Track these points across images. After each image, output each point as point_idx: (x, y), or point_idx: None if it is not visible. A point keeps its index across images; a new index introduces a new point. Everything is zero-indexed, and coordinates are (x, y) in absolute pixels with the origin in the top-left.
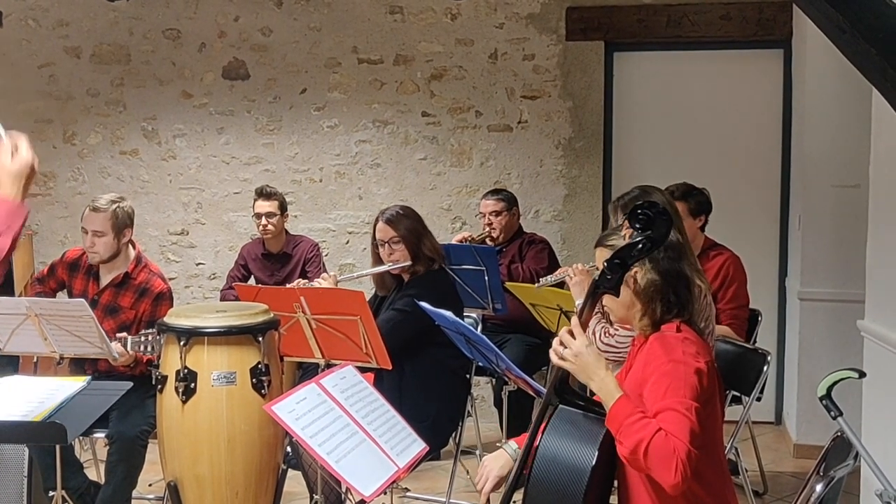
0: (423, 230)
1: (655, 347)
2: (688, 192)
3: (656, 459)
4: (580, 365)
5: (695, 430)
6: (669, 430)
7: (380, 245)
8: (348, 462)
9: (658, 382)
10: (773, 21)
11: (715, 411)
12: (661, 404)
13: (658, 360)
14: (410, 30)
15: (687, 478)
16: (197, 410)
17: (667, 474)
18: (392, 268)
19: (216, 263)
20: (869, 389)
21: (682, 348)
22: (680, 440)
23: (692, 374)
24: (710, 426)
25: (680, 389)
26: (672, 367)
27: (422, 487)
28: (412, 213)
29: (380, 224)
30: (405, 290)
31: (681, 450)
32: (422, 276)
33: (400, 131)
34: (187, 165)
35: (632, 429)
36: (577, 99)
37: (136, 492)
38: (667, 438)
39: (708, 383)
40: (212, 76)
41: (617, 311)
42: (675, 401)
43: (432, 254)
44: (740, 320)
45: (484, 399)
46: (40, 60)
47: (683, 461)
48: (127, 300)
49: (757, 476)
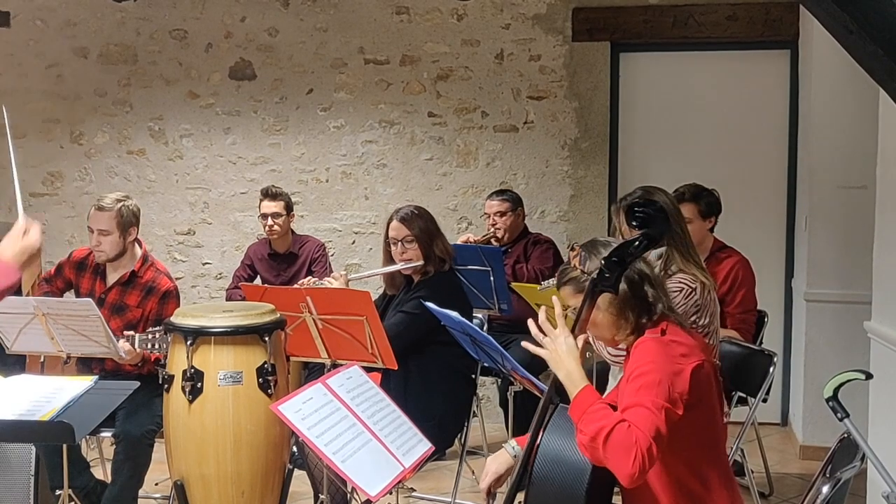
0: (436, 231)
1: (638, 351)
2: (698, 194)
3: (615, 448)
4: (553, 352)
5: (660, 429)
6: (634, 422)
7: (392, 244)
8: (354, 462)
9: (633, 383)
10: (780, 21)
11: (709, 412)
12: (631, 400)
13: (637, 363)
14: (417, 30)
15: (645, 471)
16: (203, 410)
17: (625, 464)
18: (404, 267)
19: (222, 263)
20: (875, 391)
21: (665, 351)
22: (643, 433)
23: (667, 375)
24: (706, 428)
25: (652, 389)
26: (650, 367)
27: (427, 487)
28: (426, 214)
29: (394, 223)
30: (414, 291)
31: (642, 442)
32: (432, 277)
33: (406, 132)
34: (194, 165)
35: (594, 416)
36: (583, 99)
37: (143, 491)
38: (629, 429)
39: (692, 386)
40: (218, 76)
41: (602, 336)
42: (646, 398)
43: (443, 255)
44: (748, 324)
45: (489, 399)
46: (48, 60)
47: (643, 454)
48: (133, 299)
49: (763, 477)
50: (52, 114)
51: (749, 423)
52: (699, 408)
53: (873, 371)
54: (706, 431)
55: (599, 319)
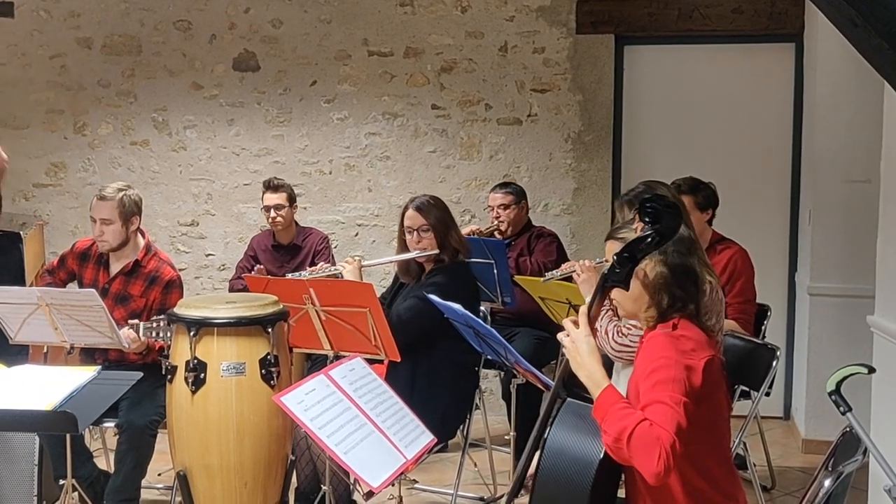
0: (451, 221)
1: (650, 345)
2: (695, 186)
3: (639, 447)
4: (573, 353)
5: (681, 424)
6: (655, 420)
7: (408, 232)
8: (357, 453)
9: (649, 378)
10: (785, 15)
11: (717, 407)
12: (649, 398)
13: (650, 357)
14: (421, 22)
15: (670, 468)
16: (206, 401)
17: (649, 463)
18: (419, 255)
19: (225, 254)
20: (878, 385)
21: (676, 345)
22: (665, 430)
23: (682, 370)
24: (712, 422)
25: (669, 384)
26: (663, 362)
27: (430, 479)
28: (441, 204)
29: (410, 211)
30: (427, 279)
31: (665, 439)
32: (445, 266)
33: (410, 124)
34: (197, 156)
35: (616, 416)
36: (587, 92)
37: (146, 481)
38: (652, 427)
39: (704, 380)
40: (222, 68)
41: (624, 304)
42: (664, 395)
43: (458, 245)
44: (747, 315)
45: (492, 392)
46: (51, 51)
47: (667, 451)
48: (137, 288)
49: (765, 471)
50: (56, 104)
51: (752, 416)
52: (708, 402)
53: (876, 365)
54: (712, 426)
55: (634, 288)
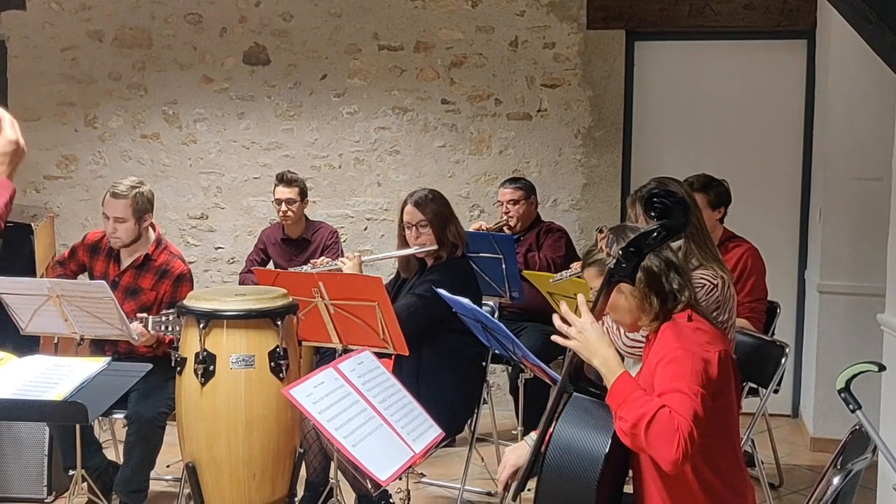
0: (450, 215)
1: (667, 335)
2: (707, 184)
3: (658, 434)
4: (583, 341)
5: (699, 414)
6: (674, 408)
7: (406, 227)
8: (365, 446)
9: (666, 368)
10: (797, 11)
11: (729, 402)
12: (667, 386)
13: (668, 347)
14: (431, 17)
15: (688, 456)
16: (215, 393)
17: (667, 450)
18: (418, 251)
19: (235, 248)
20: (888, 383)
21: (693, 337)
22: (684, 418)
23: (700, 362)
24: (724, 417)
25: (687, 375)
26: (681, 353)
27: (437, 473)
28: (440, 198)
29: (408, 207)
30: (426, 275)
31: (684, 427)
32: (444, 261)
33: (419, 118)
34: (207, 150)
35: (634, 404)
36: (598, 88)
37: (154, 473)
38: (671, 415)
39: (718, 374)
40: (232, 61)
41: (624, 320)
42: (683, 384)
43: (456, 240)
44: (758, 313)
45: (500, 387)
46: (63, 44)
47: (686, 438)
48: (147, 282)
49: (773, 468)
50: (67, 97)
51: (760, 413)
52: (721, 397)
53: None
54: (724, 421)
55: (621, 303)
